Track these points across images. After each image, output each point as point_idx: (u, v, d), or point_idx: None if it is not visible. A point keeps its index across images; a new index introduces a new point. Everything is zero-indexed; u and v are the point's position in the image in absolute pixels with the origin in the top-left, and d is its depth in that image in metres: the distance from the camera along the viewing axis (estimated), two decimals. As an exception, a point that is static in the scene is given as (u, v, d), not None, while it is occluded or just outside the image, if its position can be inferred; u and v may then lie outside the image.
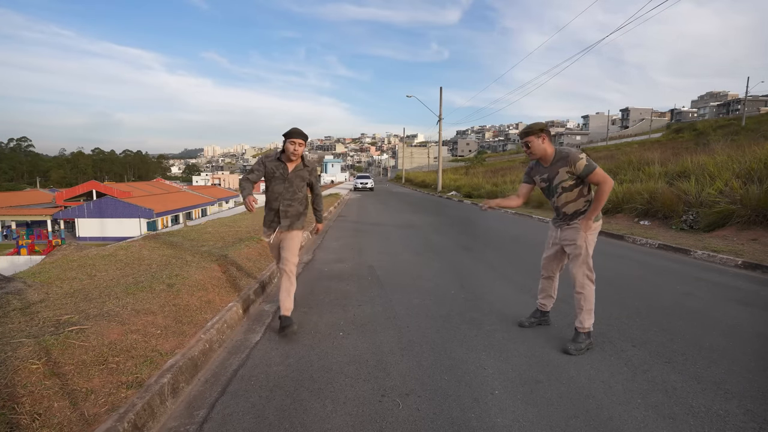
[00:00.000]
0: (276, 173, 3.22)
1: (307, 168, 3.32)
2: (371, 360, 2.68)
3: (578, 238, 2.80)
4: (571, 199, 2.81)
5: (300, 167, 3.28)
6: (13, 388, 1.84)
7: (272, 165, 3.23)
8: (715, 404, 2.17)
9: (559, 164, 2.76)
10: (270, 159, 3.26)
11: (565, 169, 2.75)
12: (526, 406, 2.16)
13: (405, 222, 10.65)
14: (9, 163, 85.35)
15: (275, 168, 3.22)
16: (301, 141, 3.16)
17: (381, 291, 4.25)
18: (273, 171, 3.22)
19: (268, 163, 3.24)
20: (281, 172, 3.22)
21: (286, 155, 3.19)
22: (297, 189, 3.28)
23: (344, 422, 2.01)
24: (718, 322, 3.36)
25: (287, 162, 3.23)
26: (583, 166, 2.70)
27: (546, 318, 3.27)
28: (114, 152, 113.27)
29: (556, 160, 2.78)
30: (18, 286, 3.28)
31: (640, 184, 10.11)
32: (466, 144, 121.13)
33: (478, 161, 43.11)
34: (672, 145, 20.87)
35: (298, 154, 3.17)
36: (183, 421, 2.02)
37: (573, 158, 2.72)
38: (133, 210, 30.68)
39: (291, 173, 3.24)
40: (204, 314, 3.14)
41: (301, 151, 3.17)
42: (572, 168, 2.72)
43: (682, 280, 4.77)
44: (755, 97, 68.27)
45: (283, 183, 3.23)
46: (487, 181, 23.48)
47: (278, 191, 3.23)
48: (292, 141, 3.13)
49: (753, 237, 6.58)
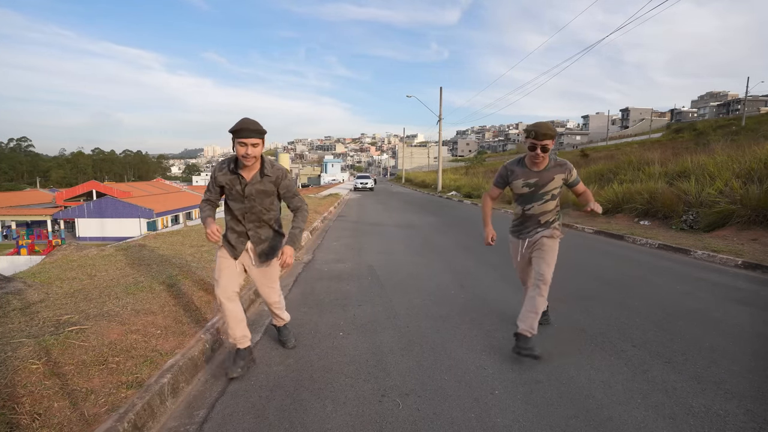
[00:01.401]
0: (232, 190, 2.39)
1: (269, 177, 2.40)
2: (371, 360, 2.68)
3: (553, 243, 2.74)
4: (552, 208, 2.77)
5: (257, 178, 2.38)
6: (13, 388, 1.84)
7: (226, 179, 2.38)
8: (715, 404, 2.17)
9: (556, 170, 2.68)
10: (223, 169, 2.39)
11: (561, 176, 2.69)
12: (526, 406, 2.16)
13: (405, 222, 10.65)
14: (9, 163, 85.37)
15: (231, 183, 2.38)
16: (255, 140, 2.23)
17: (381, 291, 4.25)
18: (229, 187, 2.39)
19: (220, 177, 2.39)
20: (238, 188, 2.38)
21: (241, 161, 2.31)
22: (264, 208, 2.46)
23: (344, 422, 2.01)
24: (718, 322, 3.36)
25: (243, 171, 2.36)
26: (576, 174, 2.73)
27: (546, 317, 3.25)
28: (114, 152, 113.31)
29: (552, 166, 2.68)
30: (18, 286, 3.28)
31: (640, 184, 10.12)
32: (466, 144, 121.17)
33: (478, 161, 43.16)
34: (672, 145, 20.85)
35: (253, 157, 2.26)
36: (183, 421, 2.02)
37: (569, 166, 2.71)
38: (133, 210, 30.69)
39: (249, 188, 2.38)
40: (204, 314, 3.14)
41: (257, 152, 2.26)
42: (568, 175, 2.69)
43: (682, 280, 4.77)
44: (755, 97, 68.28)
45: (242, 202, 2.41)
46: (487, 181, 23.47)
47: (239, 210, 2.43)
48: (241, 141, 2.20)
49: (753, 237, 6.58)
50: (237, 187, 2.38)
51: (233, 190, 2.39)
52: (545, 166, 2.67)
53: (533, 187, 2.70)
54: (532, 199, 2.74)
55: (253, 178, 2.38)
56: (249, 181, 2.38)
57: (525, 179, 2.71)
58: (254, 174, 2.38)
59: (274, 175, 2.43)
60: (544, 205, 2.73)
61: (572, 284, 4.41)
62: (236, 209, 2.44)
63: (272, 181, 2.43)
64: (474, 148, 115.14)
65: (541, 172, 2.67)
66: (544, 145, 2.52)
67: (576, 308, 3.71)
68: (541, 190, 2.69)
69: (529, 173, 2.69)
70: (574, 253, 6.56)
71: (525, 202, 2.77)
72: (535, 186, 2.69)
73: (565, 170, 2.69)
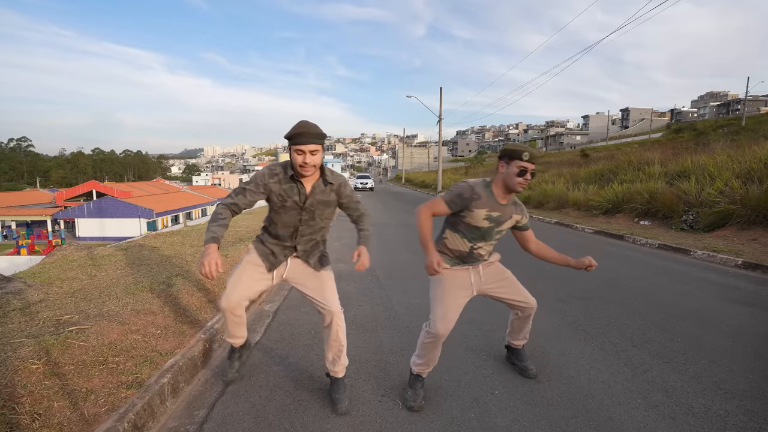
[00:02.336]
0: (287, 201, 2.06)
1: (331, 186, 2.12)
2: (371, 360, 2.68)
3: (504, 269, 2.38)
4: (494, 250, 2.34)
5: (320, 187, 2.09)
6: (13, 388, 1.84)
7: (281, 188, 2.05)
8: (715, 404, 2.17)
9: (513, 209, 2.20)
10: (277, 176, 2.05)
11: (517, 217, 2.22)
12: (526, 406, 2.16)
13: (405, 222, 10.65)
14: (9, 163, 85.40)
15: (286, 193, 2.05)
16: (314, 146, 1.93)
17: (381, 291, 4.25)
18: (283, 197, 2.05)
19: (274, 186, 2.05)
20: (296, 198, 2.06)
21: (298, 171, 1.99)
22: (321, 219, 2.17)
23: (344, 422, 2.01)
24: (718, 322, 3.36)
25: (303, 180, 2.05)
26: (527, 220, 2.27)
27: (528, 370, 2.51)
28: (114, 152, 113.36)
29: (513, 203, 2.20)
30: (18, 286, 3.28)
31: (640, 184, 10.12)
32: (466, 144, 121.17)
33: (478, 161, 43.20)
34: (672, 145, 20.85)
35: (312, 166, 1.96)
36: (183, 421, 2.02)
37: (524, 208, 2.28)
38: (133, 210, 30.68)
39: (311, 199, 2.08)
40: (204, 314, 3.14)
41: (316, 161, 1.97)
42: (522, 218, 2.24)
43: (682, 280, 4.77)
44: (755, 97, 68.30)
45: (300, 213, 2.10)
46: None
47: (292, 224, 2.12)
48: (298, 148, 1.91)
49: (753, 237, 6.58)
50: (294, 197, 2.05)
51: (288, 200, 2.06)
52: (509, 201, 2.19)
53: (494, 222, 2.14)
54: (486, 237, 2.18)
55: (314, 187, 2.07)
56: (310, 190, 2.07)
57: (489, 210, 2.11)
58: (315, 183, 2.08)
59: (336, 183, 2.13)
60: (492, 245, 2.27)
61: (572, 284, 4.41)
62: (289, 222, 2.11)
63: (334, 190, 2.14)
64: (474, 148, 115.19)
65: (506, 207, 2.16)
66: (533, 172, 2.05)
67: (576, 308, 3.71)
68: (498, 227, 2.18)
69: (495, 205, 2.12)
70: (574, 253, 6.56)
71: (478, 238, 2.18)
72: (496, 222, 2.15)
73: (519, 211, 2.23)
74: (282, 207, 2.07)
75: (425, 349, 2.16)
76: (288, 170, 2.03)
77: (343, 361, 2.19)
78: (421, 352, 2.19)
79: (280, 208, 2.08)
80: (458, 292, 2.20)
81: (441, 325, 2.10)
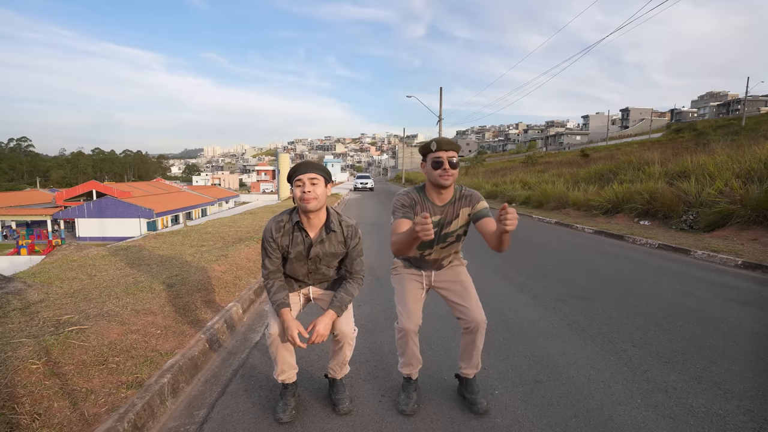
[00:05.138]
0: (291, 252, 1.97)
1: (335, 234, 1.99)
2: (371, 360, 2.68)
3: (463, 273, 2.23)
4: (455, 251, 2.21)
5: (322, 235, 1.97)
6: (13, 388, 1.84)
7: (284, 241, 1.95)
8: (715, 404, 2.17)
9: (462, 203, 2.06)
10: (279, 230, 1.95)
11: (467, 210, 2.06)
12: (526, 406, 2.16)
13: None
14: (9, 163, 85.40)
15: (289, 244, 1.96)
16: (313, 175, 1.84)
17: (381, 291, 4.25)
18: (286, 248, 1.97)
19: (280, 239, 1.95)
20: (300, 248, 1.97)
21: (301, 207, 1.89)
22: (329, 266, 2.07)
23: (344, 422, 2.01)
24: (718, 322, 3.36)
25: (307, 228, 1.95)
26: (485, 205, 2.06)
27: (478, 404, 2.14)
28: (114, 152, 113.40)
29: (458, 198, 2.07)
30: (18, 286, 3.28)
31: (640, 184, 10.13)
32: (466, 144, 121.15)
33: (478, 161, 43.23)
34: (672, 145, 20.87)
35: (313, 198, 1.84)
36: (183, 421, 2.02)
37: (477, 196, 2.08)
38: (133, 210, 30.68)
39: (316, 248, 1.97)
40: (204, 314, 3.14)
41: (317, 192, 1.85)
42: (472, 207, 2.05)
43: (682, 280, 4.77)
44: (755, 97, 68.28)
45: (306, 263, 2.01)
46: (487, 181, 23.48)
47: (301, 274, 2.06)
48: (298, 180, 1.83)
49: (753, 237, 6.58)
50: (299, 247, 1.96)
51: (292, 251, 1.96)
52: (450, 199, 2.06)
53: (436, 226, 2.03)
54: (432, 242, 2.08)
55: (318, 235, 1.96)
56: (314, 239, 1.96)
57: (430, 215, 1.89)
58: (319, 230, 1.96)
59: (349, 230, 2.00)
60: (448, 247, 2.14)
61: (572, 284, 4.42)
62: (298, 272, 2.04)
63: (341, 241, 1.99)
64: (474, 148, 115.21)
65: (445, 206, 2.05)
66: (450, 158, 1.93)
67: (576, 308, 3.71)
68: (444, 230, 2.07)
69: (433, 207, 2.04)
70: (574, 253, 6.56)
71: (425, 245, 2.10)
72: (439, 225, 2.05)
73: (468, 202, 2.06)
74: (287, 256, 2.00)
75: (400, 346, 2.17)
76: (294, 216, 1.95)
77: (345, 369, 2.19)
78: (399, 351, 2.21)
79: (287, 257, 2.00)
80: (414, 285, 2.21)
81: (406, 319, 2.11)
